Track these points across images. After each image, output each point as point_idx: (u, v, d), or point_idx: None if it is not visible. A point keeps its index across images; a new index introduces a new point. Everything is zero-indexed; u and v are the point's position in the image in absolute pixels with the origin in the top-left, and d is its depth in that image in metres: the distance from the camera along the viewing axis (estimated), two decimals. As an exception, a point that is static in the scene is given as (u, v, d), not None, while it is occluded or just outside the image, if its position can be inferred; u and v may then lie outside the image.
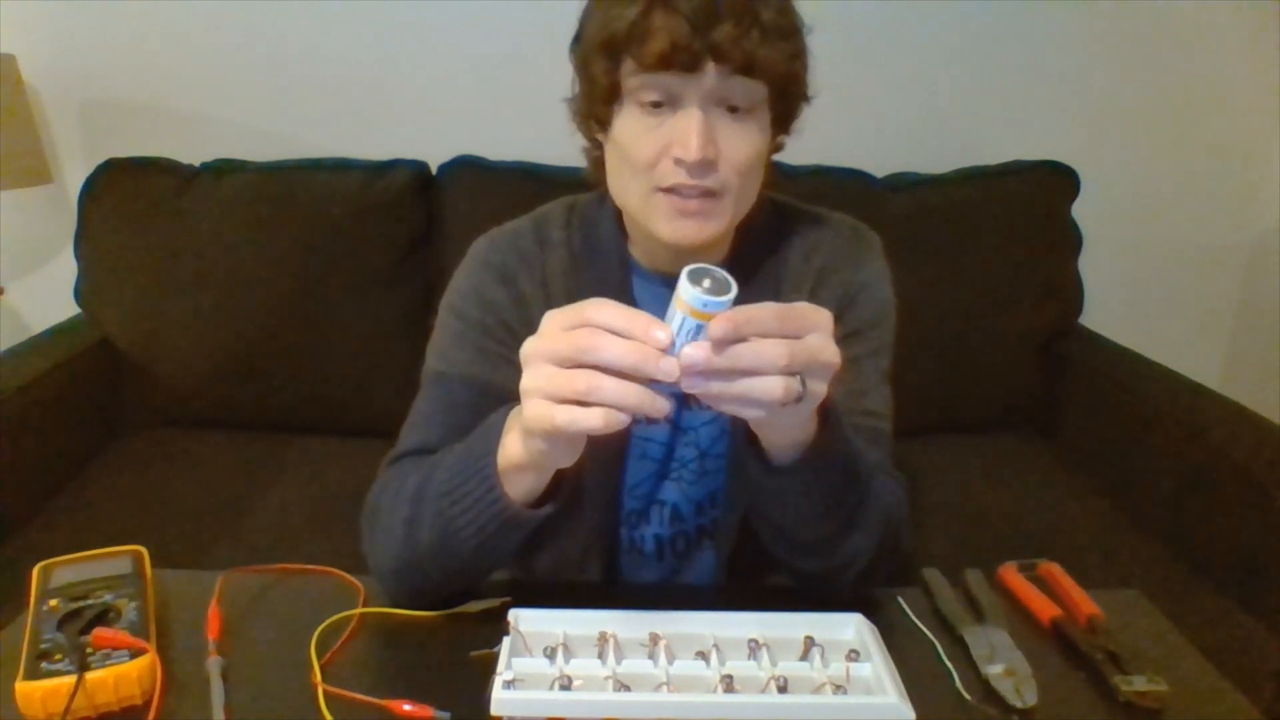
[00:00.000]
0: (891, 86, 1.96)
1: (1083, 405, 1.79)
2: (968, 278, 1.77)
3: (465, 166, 1.77)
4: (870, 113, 1.96)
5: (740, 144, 0.75)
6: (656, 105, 0.74)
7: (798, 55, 0.76)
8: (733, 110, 0.75)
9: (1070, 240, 1.85)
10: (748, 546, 0.87)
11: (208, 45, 1.87)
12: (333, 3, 1.85)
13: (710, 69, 0.72)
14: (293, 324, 1.71)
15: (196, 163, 1.77)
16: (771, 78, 0.74)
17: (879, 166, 1.82)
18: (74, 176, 1.84)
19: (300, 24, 1.87)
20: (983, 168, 1.84)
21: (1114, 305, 2.00)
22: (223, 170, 1.75)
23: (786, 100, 0.79)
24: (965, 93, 1.98)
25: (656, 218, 0.77)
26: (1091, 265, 1.87)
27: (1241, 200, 2.09)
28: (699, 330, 0.58)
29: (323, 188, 1.72)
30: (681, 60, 0.71)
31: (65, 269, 1.77)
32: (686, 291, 0.58)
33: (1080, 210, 1.85)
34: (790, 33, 0.75)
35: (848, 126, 1.93)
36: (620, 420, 0.58)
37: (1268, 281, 2.07)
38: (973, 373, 1.79)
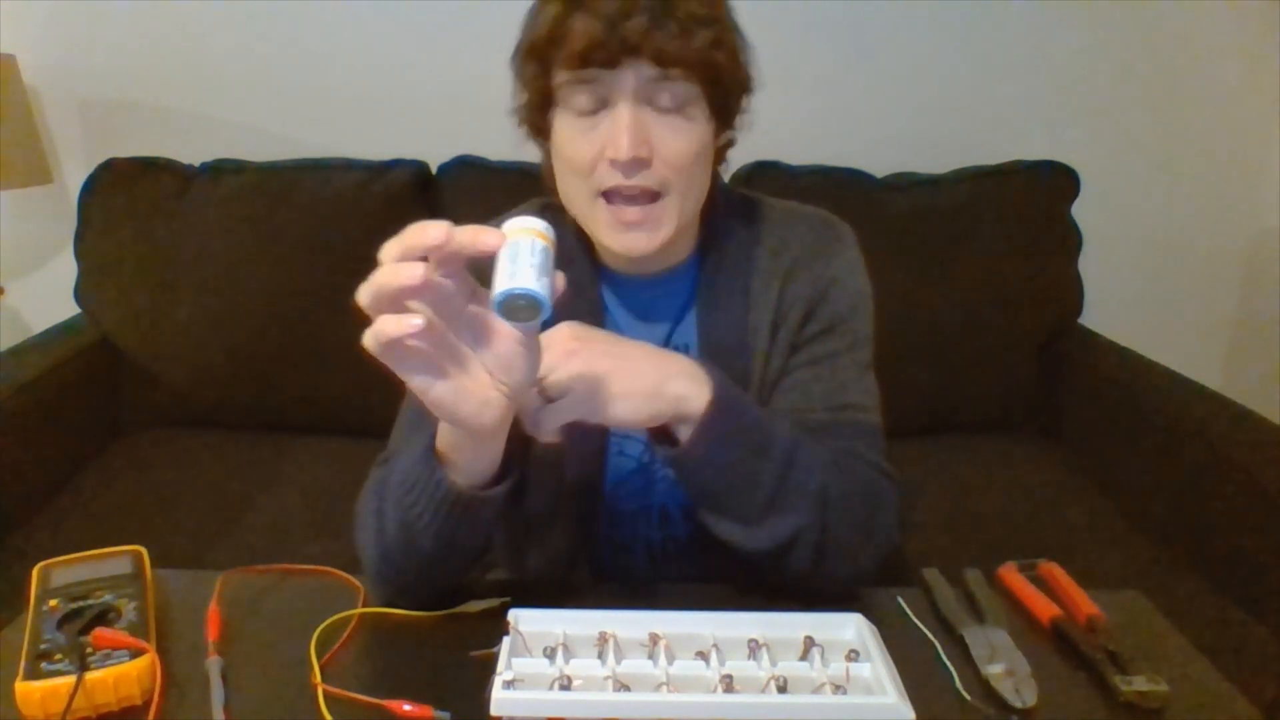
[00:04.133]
0: (892, 86, 1.96)
1: (1083, 405, 1.79)
2: (968, 278, 1.76)
3: (465, 166, 1.77)
4: (870, 113, 1.97)
5: (674, 140, 0.75)
6: (589, 109, 0.75)
7: (720, 44, 0.75)
8: (664, 107, 0.75)
9: (1070, 240, 1.85)
10: (736, 554, 0.87)
11: (207, 45, 1.87)
12: (333, 3, 1.85)
13: (631, 65, 0.72)
14: (293, 324, 1.71)
15: (196, 163, 1.77)
16: (692, 69, 0.73)
17: (879, 166, 1.82)
18: (74, 176, 1.84)
19: (300, 24, 1.87)
20: (983, 168, 1.84)
21: (1114, 305, 2.00)
22: (223, 170, 1.75)
23: (721, 92, 0.78)
24: (965, 93, 1.98)
25: (601, 228, 0.78)
26: (1091, 265, 1.87)
27: (1241, 200, 2.09)
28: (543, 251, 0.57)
29: (323, 188, 1.72)
30: (599, 57, 0.72)
31: (65, 269, 1.77)
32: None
33: (1080, 210, 1.85)
34: (709, 21, 0.74)
35: (848, 126, 1.94)
36: (413, 324, 0.55)
37: (1268, 281, 2.07)
38: (973, 373, 1.79)
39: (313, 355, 1.72)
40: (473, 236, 0.55)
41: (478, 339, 0.60)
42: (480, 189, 1.74)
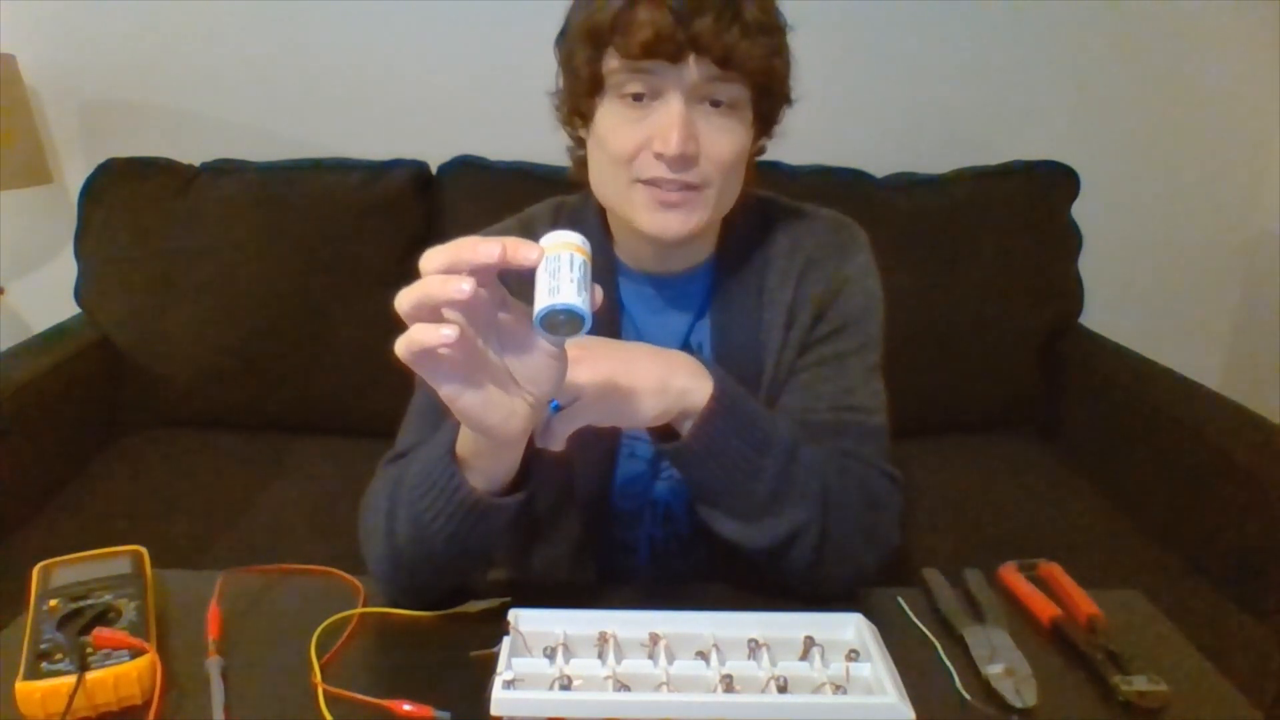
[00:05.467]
0: (892, 86, 1.96)
1: (1083, 405, 1.79)
2: (968, 278, 1.76)
3: (465, 166, 1.77)
4: (870, 113, 1.97)
5: (721, 140, 0.76)
6: (638, 98, 0.75)
7: (778, 53, 0.77)
8: (714, 105, 0.75)
9: (1070, 240, 1.85)
10: (737, 550, 0.88)
11: (208, 45, 1.87)
12: (333, 3, 1.85)
13: (691, 61, 0.73)
14: (292, 324, 1.71)
15: (196, 163, 1.77)
16: (751, 73, 0.74)
17: (879, 166, 1.82)
18: (74, 176, 1.84)
19: (300, 24, 1.87)
20: (983, 168, 1.84)
21: (1114, 305, 2.00)
22: (223, 170, 1.75)
23: (768, 99, 0.79)
24: (965, 93, 1.98)
25: (637, 210, 0.78)
26: (1091, 265, 1.87)
27: (1241, 200, 2.09)
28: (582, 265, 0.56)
29: (323, 188, 1.72)
30: (664, 50, 0.72)
31: (65, 269, 1.77)
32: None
33: (1080, 210, 1.85)
34: (771, 30, 0.76)
35: (848, 126, 1.94)
36: (445, 334, 0.53)
37: (1268, 281, 2.07)
38: (973, 373, 1.79)
39: (312, 355, 1.72)
40: (512, 250, 0.54)
41: (506, 348, 0.59)
42: (480, 189, 1.73)
